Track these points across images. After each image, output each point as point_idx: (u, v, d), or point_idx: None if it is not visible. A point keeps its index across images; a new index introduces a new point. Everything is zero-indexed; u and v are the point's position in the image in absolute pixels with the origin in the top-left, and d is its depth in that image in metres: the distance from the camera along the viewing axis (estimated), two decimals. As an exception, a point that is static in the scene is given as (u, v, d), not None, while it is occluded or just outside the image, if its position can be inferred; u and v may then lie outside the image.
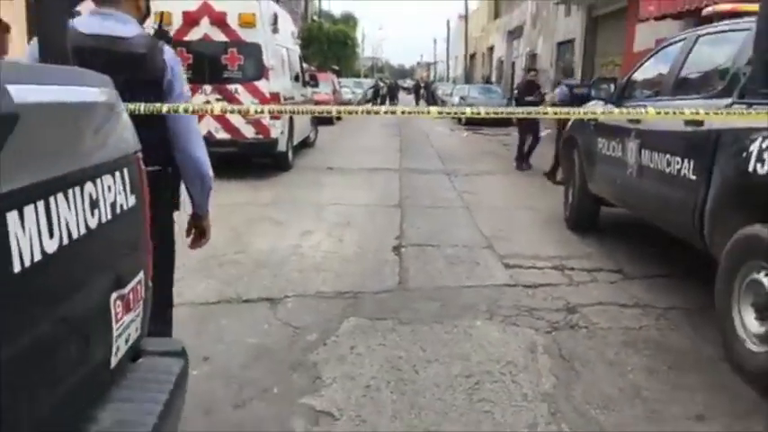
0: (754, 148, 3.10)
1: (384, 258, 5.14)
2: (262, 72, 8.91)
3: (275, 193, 7.99)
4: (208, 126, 8.45)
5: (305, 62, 13.60)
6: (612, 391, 2.98)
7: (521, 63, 25.79)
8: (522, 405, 2.83)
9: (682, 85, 4.42)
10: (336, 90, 22.60)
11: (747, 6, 4.02)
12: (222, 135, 8.83)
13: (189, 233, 2.58)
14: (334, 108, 3.28)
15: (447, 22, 60.63)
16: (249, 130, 8.99)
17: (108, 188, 1.34)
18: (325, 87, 19.20)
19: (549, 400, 2.89)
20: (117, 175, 1.40)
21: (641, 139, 4.56)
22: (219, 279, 4.43)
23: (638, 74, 5.44)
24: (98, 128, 1.39)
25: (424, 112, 2.95)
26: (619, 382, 3.07)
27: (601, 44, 17.63)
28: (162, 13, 2.76)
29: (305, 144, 12.45)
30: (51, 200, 1.09)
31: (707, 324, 3.66)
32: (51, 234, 1.08)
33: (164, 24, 2.48)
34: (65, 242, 1.12)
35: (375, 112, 3.06)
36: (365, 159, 11.38)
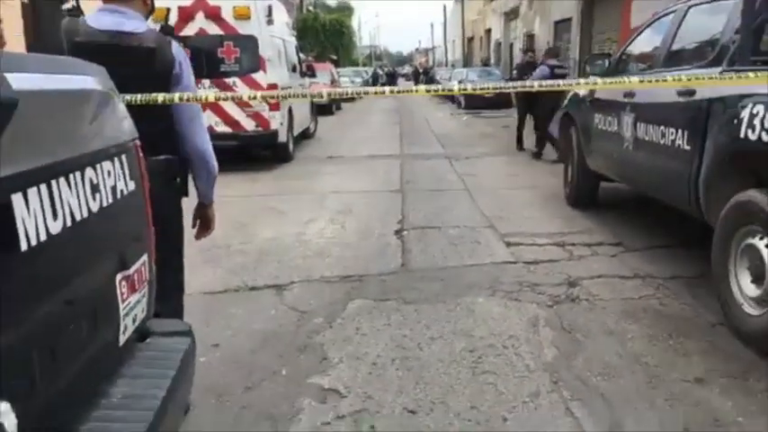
0: (745, 114, 3.14)
1: (386, 242, 5.20)
2: (258, 64, 8.96)
3: (277, 184, 8.05)
4: (209, 120, 8.51)
5: (302, 53, 13.60)
6: (613, 359, 3.04)
7: (519, 44, 25.65)
8: (525, 375, 2.89)
9: (674, 56, 4.44)
10: (335, 80, 22.58)
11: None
12: (223, 128, 8.91)
13: (194, 224, 2.66)
14: (343, 90, 3.54)
15: (443, 6, 60.38)
16: (249, 123, 9.07)
17: (108, 173, 1.40)
18: (324, 78, 19.23)
19: (551, 369, 2.95)
20: (116, 161, 1.46)
21: (636, 113, 4.59)
22: (226, 268, 4.50)
23: (631, 48, 5.46)
24: (95, 116, 1.45)
25: (413, 91, 3.05)
26: (619, 350, 3.13)
27: (598, 21, 17.50)
28: (168, 9, 2.83)
29: (305, 135, 12.49)
30: (54, 183, 1.15)
31: (706, 291, 3.71)
32: (55, 216, 1.14)
33: (163, 20, 2.55)
34: (68, 224, 1.18)
35: (374, 92, 3.21)
36: (366, 147, 11.41)
